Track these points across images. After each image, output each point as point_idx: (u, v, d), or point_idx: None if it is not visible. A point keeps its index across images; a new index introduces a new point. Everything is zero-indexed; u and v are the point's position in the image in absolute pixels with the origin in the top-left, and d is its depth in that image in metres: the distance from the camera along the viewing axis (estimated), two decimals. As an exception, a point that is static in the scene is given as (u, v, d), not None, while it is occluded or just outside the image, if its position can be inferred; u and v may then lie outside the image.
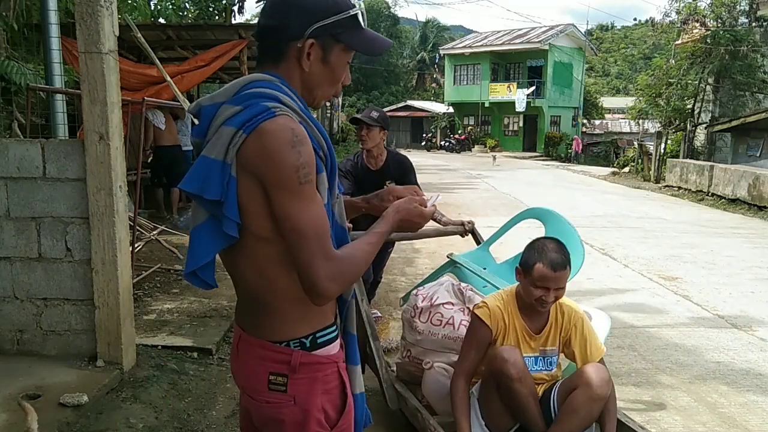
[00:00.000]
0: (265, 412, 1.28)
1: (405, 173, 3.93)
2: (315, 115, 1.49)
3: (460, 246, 7.51)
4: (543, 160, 30.01)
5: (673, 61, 19.34)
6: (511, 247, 3.50)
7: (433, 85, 47.64)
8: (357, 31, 1.28)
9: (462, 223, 3.41)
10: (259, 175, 1.15)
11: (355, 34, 1.28)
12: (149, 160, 7.83)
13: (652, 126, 22.73)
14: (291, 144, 1.13)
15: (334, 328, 1.33)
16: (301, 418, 1.25)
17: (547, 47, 32.55)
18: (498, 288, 2.84)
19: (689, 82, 18.92)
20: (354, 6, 1.27)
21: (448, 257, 3.44)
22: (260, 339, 1.27)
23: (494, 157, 26.48)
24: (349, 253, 1.25)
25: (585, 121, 36.84)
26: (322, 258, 1.16)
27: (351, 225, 1.48)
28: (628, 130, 32.62)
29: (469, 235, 3.46)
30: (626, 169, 21.39)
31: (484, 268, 3.29)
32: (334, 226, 1.31)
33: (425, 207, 1.42)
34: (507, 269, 3.22)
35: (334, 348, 1.31)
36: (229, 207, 1.16)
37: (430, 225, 3.25)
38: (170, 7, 11.59)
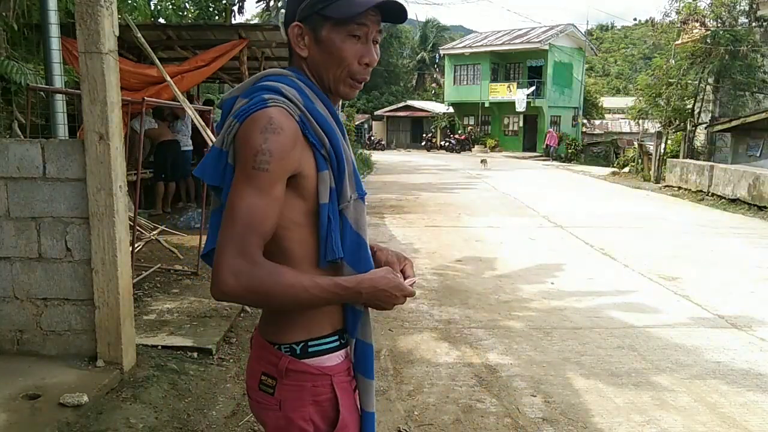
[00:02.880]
0: (255, 411, 1.30)
1: None
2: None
3: (461, 246, 7.51)
4: (543, 160, 29.99)
5: (673, 61, 19.32)
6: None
7: (433, 85, 47.66)
8: (344, 2, 1.18)
9: None
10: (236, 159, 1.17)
11: (338, 4, 1.18)
12: (150, 158, 7.99)
13: (652, 126, 22.71)
14: (261, 130, 1.12)
15: (334, 339, 1.26)
16: (284, 425, 1.22)
17: (547, 47, 32.54)
18: None
19: (689, 82, 18.90)
20: None
21: None
22: (262, 337, 1.29)
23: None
24: (277, 271, 1.13)
25: (585, 121, 36.81)
26: (234, 250, 1.10)
27: None
28: (628, 130, 32.57)
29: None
30: (626, 169, 21.37)
31: None
32: (347, 233, 1.24)
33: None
34: None
35: (330, 360, 1.24)
36: (225, 193, 1.18)
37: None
38: (170, 7, 11.59)
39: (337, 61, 1.22)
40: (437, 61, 45.79)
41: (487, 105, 34.65)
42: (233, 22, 14.23)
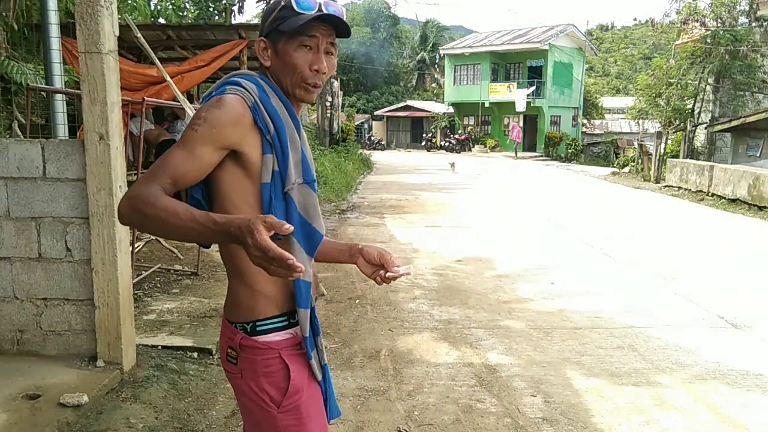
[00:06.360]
0: (229, 378, 1.49)
1: None
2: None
3: (461, 246, 7.51)
4: (543, 160, 30.01)
5: (673, 61, 19.34)
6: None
7: (433, 85, 47.63)
8: (293, 18, 1.35)
9: None
10: None
11: (290, 21, 1.35)
12: (150, 159, 7.97)
13: (652, 126, 22.72)
14: (209, 105, 1.30)
15: (281, 320, 1.41)
16: (246, 390, 1.41)
17: (547, 47, 32.53)
18: None
19: (689, 82, 18.92)
20: None
21: None
22: (224, 317, 1.48)
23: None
24: (160, 195, 1.18)
25: (585, 121, 36.80)
26: (141, 183, 1.22)
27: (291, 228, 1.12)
28: (628, 130, 32.58)
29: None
30: (626, 169, 21.39)
31: None
32: (293, 213, 1.38)
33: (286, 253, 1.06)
34: None
35: (276, 337, 1.41)
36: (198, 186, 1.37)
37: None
38: (170, 7, 11.56)
39: (291, 68, 1.39)
40: (437, 61, 45.75)
41: (487, 105, 34.63)
42: (233, 22, 14.23)
